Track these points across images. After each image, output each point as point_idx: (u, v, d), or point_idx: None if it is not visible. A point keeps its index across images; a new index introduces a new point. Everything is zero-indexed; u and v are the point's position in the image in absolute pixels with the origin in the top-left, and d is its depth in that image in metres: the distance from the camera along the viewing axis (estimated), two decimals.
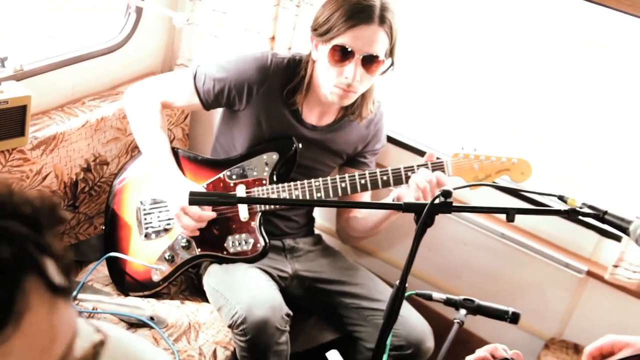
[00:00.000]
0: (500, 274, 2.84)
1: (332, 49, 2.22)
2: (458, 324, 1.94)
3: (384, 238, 2.98)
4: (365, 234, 2.62)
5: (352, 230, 2.64)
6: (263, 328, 2.19)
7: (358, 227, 2.60)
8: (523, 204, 2.64)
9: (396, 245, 3.01)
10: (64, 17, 3.24)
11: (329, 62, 2.25)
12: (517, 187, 2.35)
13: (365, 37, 2.20)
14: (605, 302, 2.64)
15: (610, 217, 1.75)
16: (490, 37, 2.75)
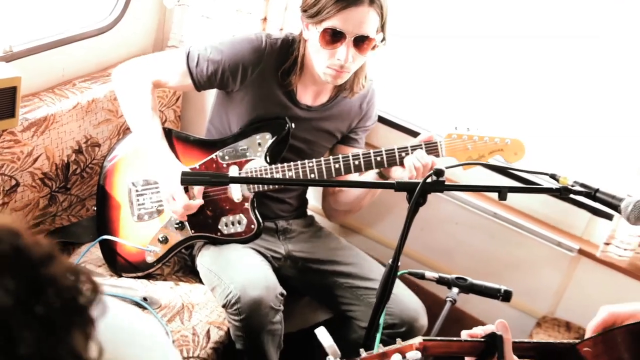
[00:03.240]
0: (493, 253, 2.85)
1: (323, 31, 2.21)
2: (450, 302, 1.96)
3: (373, 215, 3.00)
4: (349, 207, 2.63)
5: (337, 204, 2.66)
6: (257, 307, 2.20)
7: (343, 200, 2.62)
8: (516, 183, 2.65)
9: (385, 223, 3.03)
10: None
11: (320, 44, 2.24)
12: (509, 166, 2.34)
13: (355, 19, 2.19)
14: (596, 280, 2.66)
15: (602, 195, 1.76)
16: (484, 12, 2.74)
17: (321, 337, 1.54)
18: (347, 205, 2.64)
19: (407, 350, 1.60)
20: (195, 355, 2.21)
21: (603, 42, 2.51)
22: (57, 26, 2.67)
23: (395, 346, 1.60)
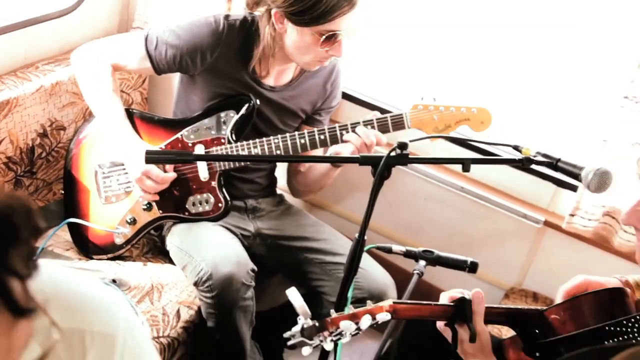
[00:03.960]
0: (461, 227, 2.89)
1: (319, 34, 2.21)
2: (418, 275, 1.99)
3: (342, 192, 3.02)
4: (309, 187, 2.65)
5: (299, 184, 2.68)
6: (229, 283, 2.21)
7: (303, 180, 2.64)
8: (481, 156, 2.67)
9: (353, 200, 3.05)
10: None
11: (311, 43, 2.24)
12: (474, 139, 2.36)
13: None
14: (562, 250, 2.70)
15: (563, 164, 1.79)
16: None
17: (292, 297, 1.57)
18: (307, 186, 2.66)
19: (377, 312, 1.64)
20: (165, 334, 2.21)
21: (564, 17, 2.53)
22: (18, 8, 2.64)
23: (366, 308, 1.64)
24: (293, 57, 2.35)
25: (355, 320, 1.60)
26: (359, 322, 1.60)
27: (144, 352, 1.05)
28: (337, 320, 1.59)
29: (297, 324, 1.57)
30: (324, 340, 1.59)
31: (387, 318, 1.65)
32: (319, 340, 1.59)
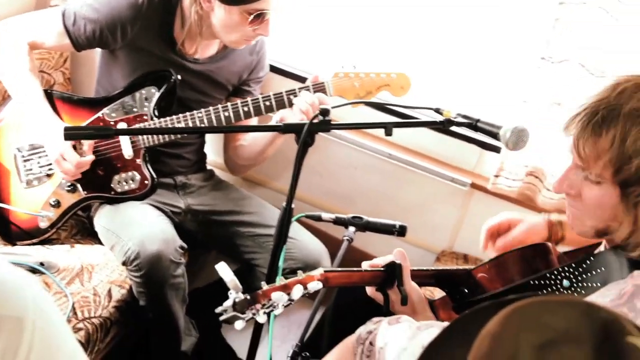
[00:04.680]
0: (391, 194, 2.92)
1: (247, 13, 2.20)
2: (347, 241, 2.00)
3: (275, 168, 3.01)
4: (252, 160, 2.63)
5: (239, 158, 2.65)
6: (157, 261, 2.19)
7: (245, 154, 2.62)
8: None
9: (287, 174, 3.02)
10: None
11: (239, 22, 2.23)
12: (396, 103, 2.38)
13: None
14: (489, 211, 2.71)
15: (482, 124, 1.82)
16: None
17: (222, 272, 1.56)
18: (250, 160, 2.64)
19: (309, 281, 1.64)
20: (97, 315, 2.18)
21: None
22: None
23: (297, 278, 1.64)
24: (219, 35, 2.33)
25: (287, 291, 1.60)
26: (290, 293, 1.60)
27: (56, 333, 1.01)
28: (268, 293, 1.58)
29: (229, 299, 1.56)
30: (256, 313, 1.58)
31: (319, 287, 1.65)
32: (252, 314, 1.58)
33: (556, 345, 0.75)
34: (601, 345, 0.74)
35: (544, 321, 0.77)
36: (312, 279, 1.65)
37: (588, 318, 0.77)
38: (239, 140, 2.62)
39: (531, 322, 0.77)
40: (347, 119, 2.69)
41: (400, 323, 1.47)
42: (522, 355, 0.75)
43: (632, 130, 1.26)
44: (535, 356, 0.74)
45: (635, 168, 1.27)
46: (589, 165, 1.35)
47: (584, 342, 0.75)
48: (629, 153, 1.26)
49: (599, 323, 0.76)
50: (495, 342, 0.78)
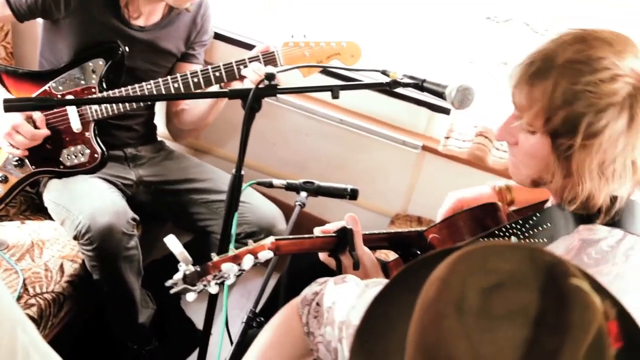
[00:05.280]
0: (344, 159, 2.93)
1: None
2: (299, 206, 1.99)
3: (223, 135, 3.00)
4: (194, 125, 2.62)
5: (181, 124, 2.64)
6: (109, 234, 2.17)
7: (187, 119, 2.60)
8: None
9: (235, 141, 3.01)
10: None
11: None
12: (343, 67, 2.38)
13: None
14: (441, 173, 2.79)
15: (429, 84, 1.83)
16: None
17: (170, 245, 1.54)
18: (192, 124, 2.62)
19: (259, 250, 1.62)
20: (49, 290, 2.16)
21: None
22: None
23: (247, 248, 1.63)
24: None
25: (237, 261, 1.58)
26: (241, 263, 1.58)
27: None
28: (218, 264, 1.56)
29: (179, 271, 1.55)
30: (207, 285, 1.56)
31: (270, 256, 1.64)
32: (203, 285, 1.56)
33: (502, 288, 0.76)
34: (546, 287, 0.76)
35: (489, 265, 0.79)
36: (263, 248, 1.63)
37: (532, 262, 0.78)
38: (180, 105, 2.60)
39: (477, 266, 0.79)
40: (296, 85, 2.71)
41: (347, 282, 1.48)
42: (469, 299, 0.77)
43: (562, 81, 1.28)
44: (482, 299, 0.76)
45: (562, 119, 1.28)
46: (524, 115, 1.37)
47: (529, 284, 0.77)
48: (557, 103, 1.28)
49: (543, 266, 0.78)
50: (442, 287, 0.80)
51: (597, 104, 1.25)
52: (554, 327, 0.74)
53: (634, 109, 1.26)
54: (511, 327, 0.74)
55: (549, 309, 0.75)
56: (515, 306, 0.75)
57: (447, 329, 0.76)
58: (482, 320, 0.75)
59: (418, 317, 0.81)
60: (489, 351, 0.73)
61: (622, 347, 0.79)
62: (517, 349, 0.73)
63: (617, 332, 0.78)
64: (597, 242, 1.32)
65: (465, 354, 0.74)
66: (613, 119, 1.26)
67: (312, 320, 1.47)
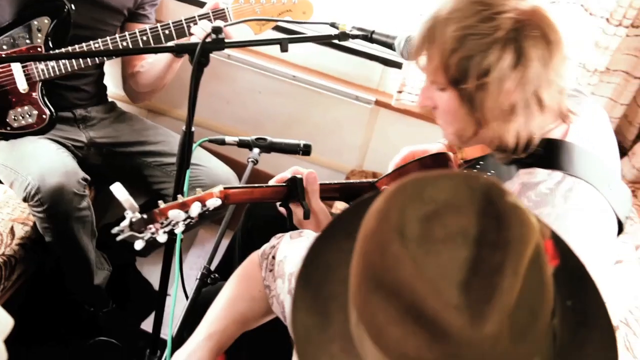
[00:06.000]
0: (298, 116, 2.92)
1: None
2: (252, 163, 1.98)
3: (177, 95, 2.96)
4: (152, 87, 2.57)
5: (138, 86, 2.59)
6: (59, 195, 2.14)
7: (143, 80, 2.56)
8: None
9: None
10: None
11: None
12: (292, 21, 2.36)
13: None
14: (395, 127, 2.80)
15: (378, 35, 1.83)
16: None
17: (116, 192, 1.52)
18: (149, 86, 2.58)
19: (207, 198, 1.61)
20: (0, 253, 2.13)
21: None
22: None
23: (195, 195, 1.61)
24: None
25: (185, 208, 1.57)
26: (188, 210, 1.57)
27: None
28: (165, 211, 1.55)
29: (125, 219, 1.54)
30: (155, 233, 1.55)
31: (218, 204, 1.63)
32: (151, 233, 1.55)
33: (440, 215, 0.78)
34: (484, 209, 0.78)
35: (426, 194, 0.80)
36: (211, 195, 1.62)
37: (468, 187, 0.80)
38: (136, 67, 2.56)
39: (414, 196, 0.80)
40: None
41: (302, 237, 1.49)
42: (409, 227, 0.78)
43: (447, 31, 1.31)
44: (422, 226, 0.78)
45: (456, 66, 1.32)
46: (429, 74, 1.41)
47: (466, 208, 0.78)
48: (447, 53, 1.32)
49: (479, 190, 0.80)
50: (381, 218, 0.80)
51: (481, 44, 1.28)
52: (495, 245, 0.76)
53: (519, 43, 1.28)
54: (453, 249, 0.76)
55: (488, 228, 0.77)
56: (455, 229, 0.77)
57: (392, 254, 0.77)
58: (425, 245, 0.76)
59: (361, 248, 0.82)
60: (435, 272, 0.75)
61: (558, 265, 0.82)
62: (461, 267, 0.75)
63: (553, 251, 0.81)
64: (537, 185, 1.35)
65: (412, 276, 0.75)
66: (499, 55, 1.28)
67: (268, 273, 1.48)
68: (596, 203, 1.36)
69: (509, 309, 0.74)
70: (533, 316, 0.77)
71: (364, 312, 0.81)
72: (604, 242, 1.39)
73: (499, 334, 0.73)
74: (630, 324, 1.79)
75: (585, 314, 0.89)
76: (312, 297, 0.94)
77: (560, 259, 0.82)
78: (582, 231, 1.32)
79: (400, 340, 0.76)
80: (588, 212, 1.34)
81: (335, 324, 0.91)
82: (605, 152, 1.49)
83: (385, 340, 0.78)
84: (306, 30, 2.67)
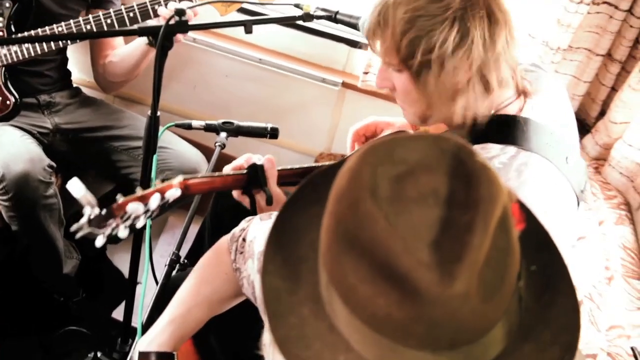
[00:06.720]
0: (266, 99, 2.91)
1: None
2: (219, 147, 1.97)
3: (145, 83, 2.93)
4: (125, 77, 2.55)
5: (111, 75, 2.56)
6: (24, 182, 2.12)
7: (117, 70, 2.53)
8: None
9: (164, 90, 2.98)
10: None
11: None
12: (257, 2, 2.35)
13: None
14: (362, 109, 2.79)
15: (342, 16, 1.83)
16: None
17: (72, 189, 1.48)
18: (122, 76, 2.55)
19: (167, 189, 1.58)
20: None
21: None
22: None
23: (154, 188, 1.59)
24: None
25: (144, 201, 1.52)
26: (147, 203, 1.53)
27: None
28: (124, 205, 1.50)
29: (84, 215, 1.50)
30: (116, 228, 1.51)
31: (178, 194, 1.58)
32: (111, 229, 1.51)
33: (412, 175, 0.79)
34: (454, 170, 0.79)
35: (397, 155, 0.81)
36: (170, 186, 1.58)
37: (438, 148, 0.81)
38: (107, 57, 2.52)
39: (386, 157, 0.81)
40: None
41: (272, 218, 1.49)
42: (381, 188, 0.78)
43: (398, 14, 1.33)
44: (393, 186, 0.78)
45: (406, 46, 1.33)
46: (384, 57, 1.43)
47: (437, 169, 0.79)
48: (399, 35, 1.34)
49: (449, 151, 0.81)
50: (354, 176, 0.81)
51: (428, 24, 1.31)
52: (465, 204, 0.77)
53: (465, 22, 1.31)
54: (425, 208, 0.77)
55: (458, 188, 0.78)
56: (426, 189, 0.78)
57: (364, 212, 0.78)
58: (396, 204, 0.77)
59: (332, 207, 0.83)
60: (407, 230, 0.76)
61: (524, 230, 0.83)
62: (432, 226, 0.76)
63: (520, 214, 0.83)
64: (490, 159, 1.36)
65: (385, 233, 0.76)
66: (446, 34, 1.30)
67: (238, 256, 1.47)
68: (551, 176, 1.39)
69: (478, 268, 0.75)
70: (501, 277, 0.79)
71: (335, 272, 0.82)
72: (560, 215, 1.42)
73: (467, 292, 0.75)
74: (594, 298, 1.82)
75: (549, 279, 0.91)
76: (282, 261, 0.95)
77: (526, 223, 0.84)
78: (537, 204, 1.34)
79: (370, 300, 0.78)
80: (542, 186, 1.37)
81: (305, 287, 0.92)
82: (562, 126, 1.51)
83: (355, 299, 0.80)
84: (271, 12, 2.66)
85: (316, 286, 0.90)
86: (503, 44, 1.34)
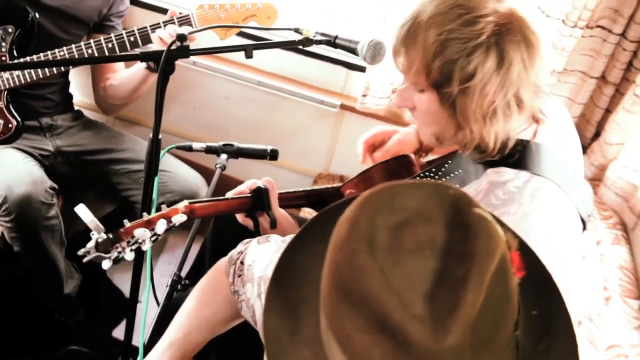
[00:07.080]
0: (265, 121, 2.94)
1: None
2: (220, 169, 2.00)
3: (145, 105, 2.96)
4: (125, 100, 2.58)
5: (111, 98, 2.59)
6: (27, 204, 2.14)
7: (117, 94, 2.56)
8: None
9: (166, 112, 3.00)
10: None
11: None
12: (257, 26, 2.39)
13: None
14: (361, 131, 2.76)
15: (341, 40, 1.85)
16: None
17: (81, 214, 1.52)
18: (122, 99, 2.59)
19: (173, 214, 1.62)
20: None
21: None
22: None
23: (160, 212, 1.62)
24: None
25: (150, 226, 1.57)
26: (154, 228, 1.58)
27: None
28: (130, 230, 1.55)
29: (91, 240, 1.53)
30: (122, 252, 1.56)
31: (183, 219, 1.62)
32: (118, 252, 1.55)
33: (410, 224, 0.79)
34: (452, 219, 0.80)
35: (396, 204, 0.81)
36: (176, 212, 1.62)
37: (437, 197, 0.82)
38: (108, 80, 2.56)
39: (384, 205, 0.82)
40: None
41: (270, 242, 1.51)
42: (379, 236, 0.79)
43: (430, 34, 1.33)
44: (391, 236, 0.79)
45: (439, 69, 1.34)
46: (410, 76, 1.42)
47: (435, 218, 0.80)
48: (430, 56, 1.34)
49: (448, 200, 0.81)
50: (352, 226, 0.82)
51: (465, 48, 1.31)
52: (461, 256, 0.78)
53: (501, 46, 1.32)
54: (421, 259, 0.78)
55: (455, 239, 0.79)
56: (424, 239, 0.78)
57: (360, 264, 0.79)
58: (393, 254, 0.78)
59: (331, 257, 0.84)
60: (402, 283, 0.77)
61: (524, 277, 0.84)
62: (428, 278, 0.77)
63: (519, 262, 0.83)
64: (504, 183, 1.38)
65: (379, 287, 0.77)
66: (482, 59, 1.31)
67: (237, 279, 1.49)
68: (561, 203, 1.40)
69: (472, 321, 0.76)
70: (495, 327, 0.79)
71: (333, 319, 0.82)
72: (568, 241, 1.43)
73: (460, 345, 0.75)
74: (593, 319, 1.84)
75: (549, 325, 0.92)
76: (284, 301, 0.96)
77: (527, 270, 0.84)
78: (547, 230, 1.35)
79: (366, 349, 0.78)
80: (553, 212, 1.38)
81: (306, 328, 0.92)
82: (570, 151, 1.53)
83: (352, 348, 0.80)
84: (271, 36, 2.69)
85: (317, 328, 0.90)
86: (537, 65, 1.36)
